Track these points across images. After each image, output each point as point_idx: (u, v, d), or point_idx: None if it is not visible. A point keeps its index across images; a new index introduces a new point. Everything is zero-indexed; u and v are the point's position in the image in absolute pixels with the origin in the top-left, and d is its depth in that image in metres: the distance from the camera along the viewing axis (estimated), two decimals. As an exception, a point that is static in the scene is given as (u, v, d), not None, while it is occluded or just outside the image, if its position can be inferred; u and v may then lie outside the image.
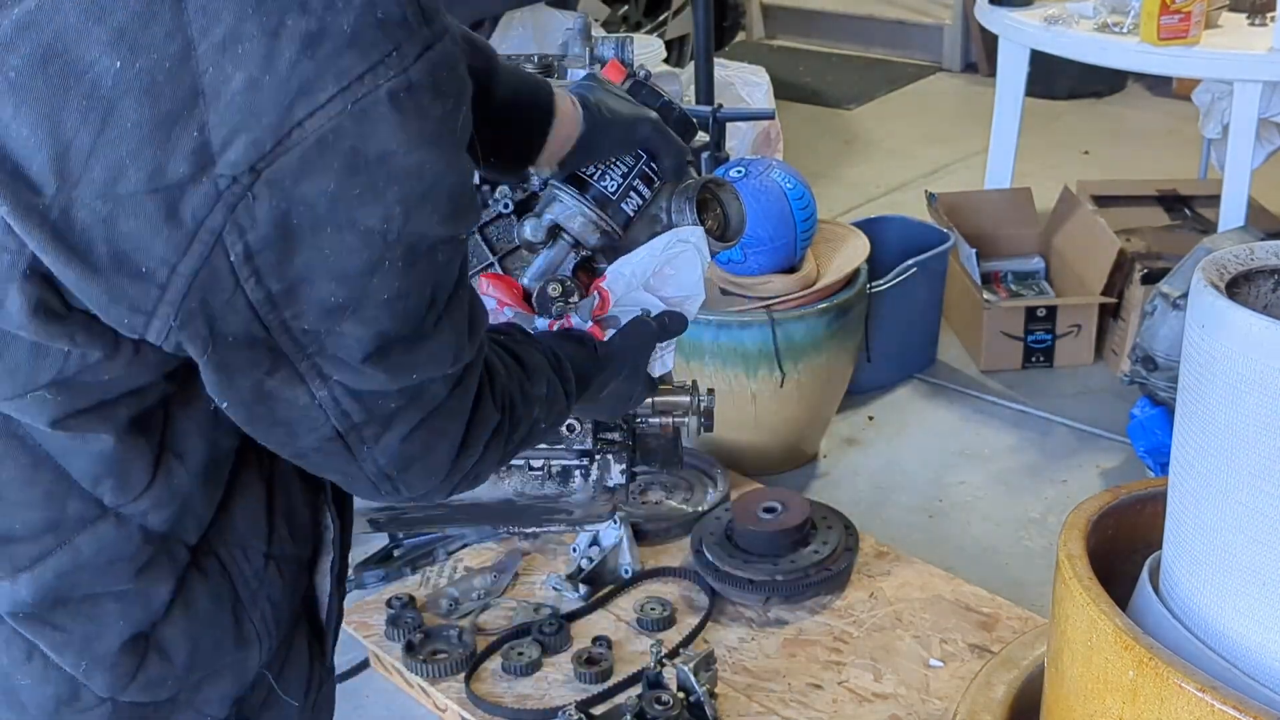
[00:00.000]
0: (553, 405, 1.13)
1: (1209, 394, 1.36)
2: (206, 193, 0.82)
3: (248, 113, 0.81)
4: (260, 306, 0.86)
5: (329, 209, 0.84)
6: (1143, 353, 2.95)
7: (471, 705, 2.29)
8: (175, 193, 0.82)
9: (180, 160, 0.81)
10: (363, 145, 0.83)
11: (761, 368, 2.92)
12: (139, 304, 0.85)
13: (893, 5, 6.72)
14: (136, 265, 0.83)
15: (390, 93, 0.83)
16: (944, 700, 2.26)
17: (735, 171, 2.95)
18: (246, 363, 0.89)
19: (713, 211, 1.31)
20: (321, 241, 0.85)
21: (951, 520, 2.98)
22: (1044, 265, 3.85)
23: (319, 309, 0.87)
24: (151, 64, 0.80)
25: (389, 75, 0.83)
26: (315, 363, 0.90)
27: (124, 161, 0.81)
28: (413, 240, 0.88)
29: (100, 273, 0.84)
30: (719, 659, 2.33)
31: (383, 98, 0.83)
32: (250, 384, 0.91)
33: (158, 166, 0.81)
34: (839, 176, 5.02)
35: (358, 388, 0.92)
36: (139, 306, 0.85)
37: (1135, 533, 1.67)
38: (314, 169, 0.83)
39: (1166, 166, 4.61)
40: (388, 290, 0.88)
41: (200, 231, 0.83)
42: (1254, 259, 1.46)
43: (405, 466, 0.98)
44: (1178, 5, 3.26)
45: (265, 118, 0.81)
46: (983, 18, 3.92)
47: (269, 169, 0.82)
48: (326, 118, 0.82)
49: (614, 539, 2.61)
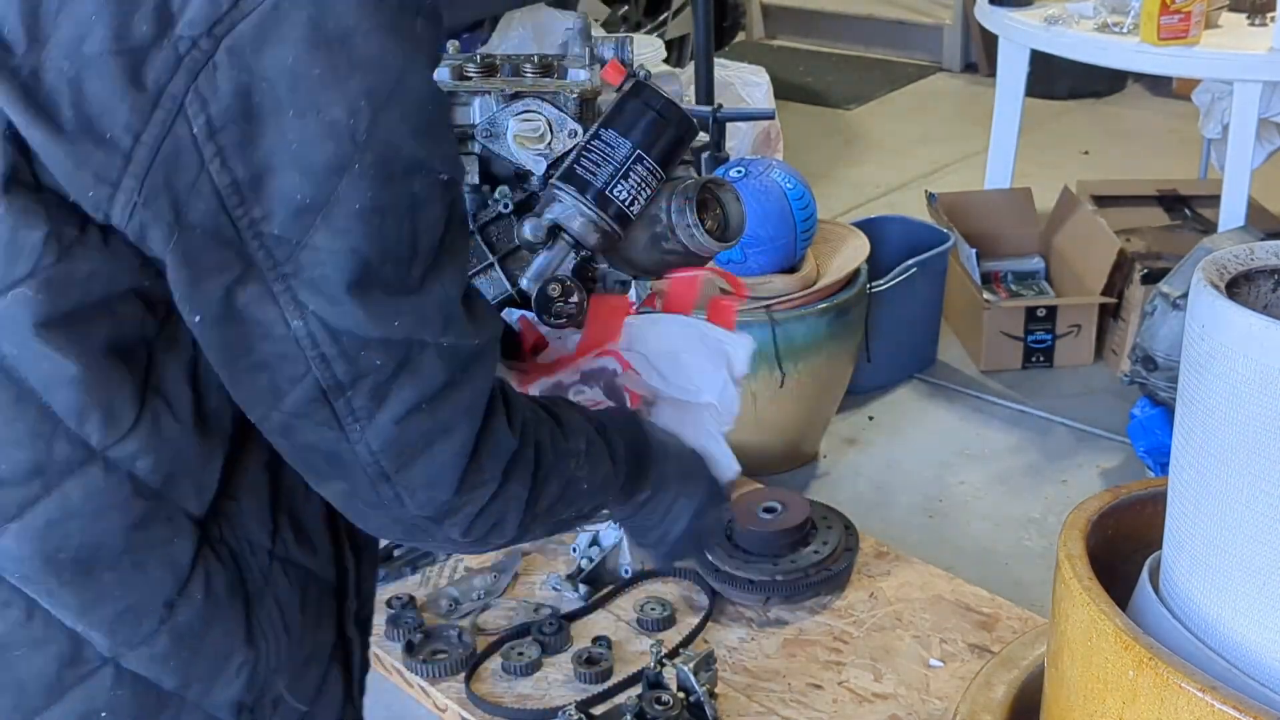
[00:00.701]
0: (595, 465, 1.09)
1: (1209, 394, 1.36)
2: (168, 56, 0.83)
3: None
4: (226, 195, 0.86)
5: (290, 87, 0.85)
6: (1143, 353, 2.95)
7: (471, 705, 2.29)
8: (139, 54, 0.83)
9: (142, 19, 0.83)
10: (321, 17, 0.85)
11: (761, 368, 2.92)
12: (103, 173, 0.86)
13: (893, 5, 6.72)
14: (101, 130, 0.84)
15: None
16: (944, 700, 2.25)
17: (735, 171, 2.95)
18: (214, 264, 0.88)
19: (713, 211, 1.30)
20: (285, 125, 0.85)
21: (951, 520, 2.98)
22: (1044, 265, 3.85)
23: (287, 207, 0.87)
24: None
25: None
26: (290, 284, 0.89)
27: (90, 19, 0.83)
28: (384, 150, 0.88)
29: (66, 135, 0.84)
30: (719, 659, 2.33)
31: None
32: (220, 292, 0.89)
33: (122, 25, 0.83)
34: (839, 176, 5.02)
35: (336, 324, 0.90)
36: (103, 176, 0.86)
37: (1135, 533, 1.67)
38: (272, 37, 0.84)
39: (1166, 166, 4.61)
40: (359, 199, 0.88)
41: (163, 97, 0.84)
42: (1254, 259, 1.46)
43: (403, 462, 0.94)
44: (1178, 5, 3.26)
45: None
46: (983, 18, 3.92)
47: (228, 36, 0.83)
48: None
49: (614, 539, 2.61)
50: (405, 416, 0.93)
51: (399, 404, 0.93)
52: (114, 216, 0.87)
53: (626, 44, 1.42)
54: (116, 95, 0.84)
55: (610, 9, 5.08)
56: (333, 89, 0.86)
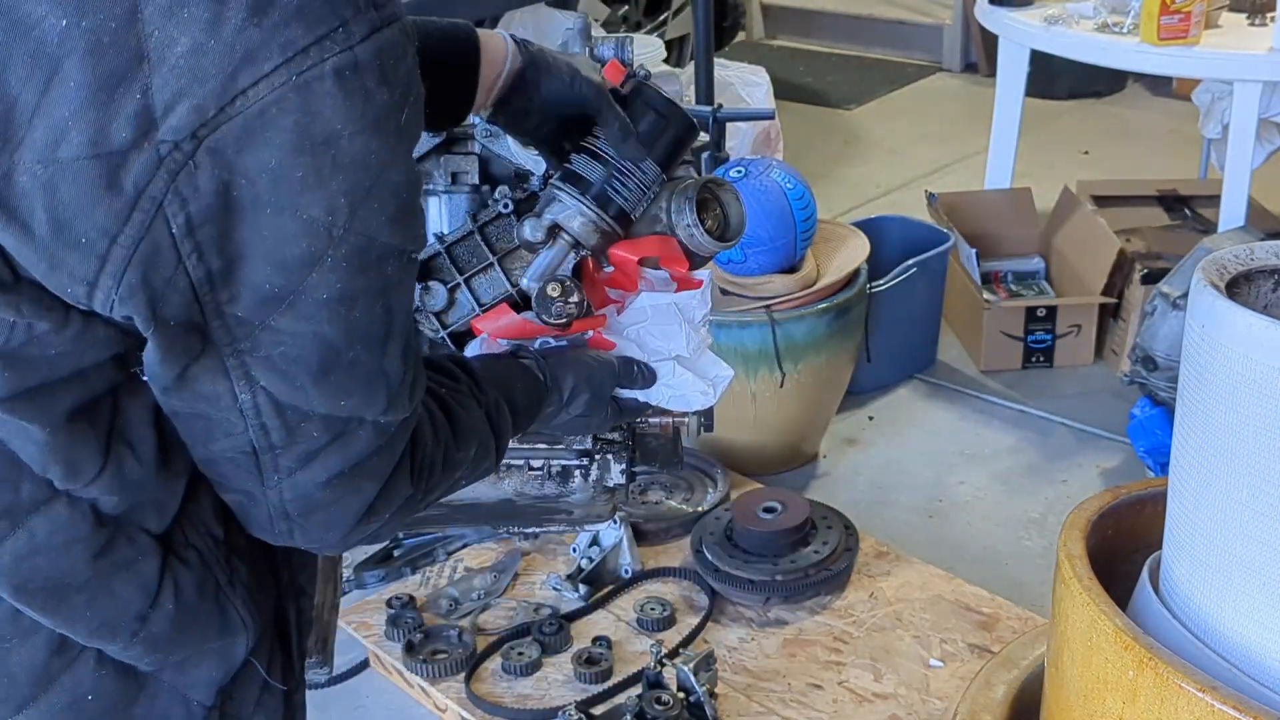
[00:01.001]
0: (478, 464, 1.13)
1: (1209, 394, 1.36)
2: (148, 159, 0.82)
3: (191, 77, 0.81)
4: (199, 285, 0.86)
5: (271, 187, 0.84)
6: (1143, 353, 2.95)
7: (471, 705, 2.29)
8: (117, 159, 0.82)
9: (123, 124, 0.81)
10: (307, 122, 0.84)
11: (761, 368, 2.92)
12: (79, 274, 0.85)
13: (893, 5, 6.72)
14: (76, 235, 0.83)
15: (335, 69, 0.83)
16: (944, 700, 2.26)
17: (735, 171, 2.95)
18: (182, 348, 0.89)
19: (712, 211, 1.30)
20: (261, 221, 0.85)
21: (951, 520, 2.98)
22: (1044, 265, 3.85)
23: (254, 295, 0.87)
24: (98, 24, 0.80)
25: (335, 50, 0.83)
26: (244, 360, 0.90)
27: (66, 123, 0.81)
28: (360, 243, 0.88)
29: (39, 240, 0.83)
30: (719, 659, 2.33)
31: (328, 72, 0.83)
32: (178, 369, 0.90)
33: (100, 130, 0.81)
34: (839, 176, 5.02)
35: (284, 400, 0.91)
36: (80, 276, 0.85)
37: (1135, 533, 1.67)
38: (257, 140, 0.83)
39: (1166, 166, 4.61)
40: (327, 289, 0.88)
41: (141, 200, 0.83)
42: (1254, 259, 1.46)
43: (308, 512, 0.97)
44: (1178, 5, 3.26)
45: (209, 83, 0.81)
46: (983, 18, 3.92)
47: (211, 136, 0.82)
48: (270, 88, 0.82)
49: (614, 539, 2.61)
50: (327, 481, 0.96)
51: (322, 470, 0.95)
52: (96, 308, 0.87)
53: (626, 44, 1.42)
54: (92, 200, 0.82)
55: (610, 9, 5.08)
56: (315, 190, 0.85)
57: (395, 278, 0.92)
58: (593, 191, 1.23)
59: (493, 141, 1.38)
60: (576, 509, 1.50)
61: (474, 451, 1.11)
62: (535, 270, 1.26)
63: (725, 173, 2.94)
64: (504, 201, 1.37)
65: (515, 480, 1.46)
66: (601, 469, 1.46)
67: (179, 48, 0.81)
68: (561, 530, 2.36)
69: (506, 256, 1.33)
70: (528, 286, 1.26)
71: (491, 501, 1.47)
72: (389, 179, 0.89)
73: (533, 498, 1.48)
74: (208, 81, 0.81)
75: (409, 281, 0.95)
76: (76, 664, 1.00)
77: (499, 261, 1.33)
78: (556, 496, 1.48)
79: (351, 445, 0.95)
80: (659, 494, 2.89)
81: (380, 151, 0.87)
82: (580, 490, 1.48)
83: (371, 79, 0.85)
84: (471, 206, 1.41)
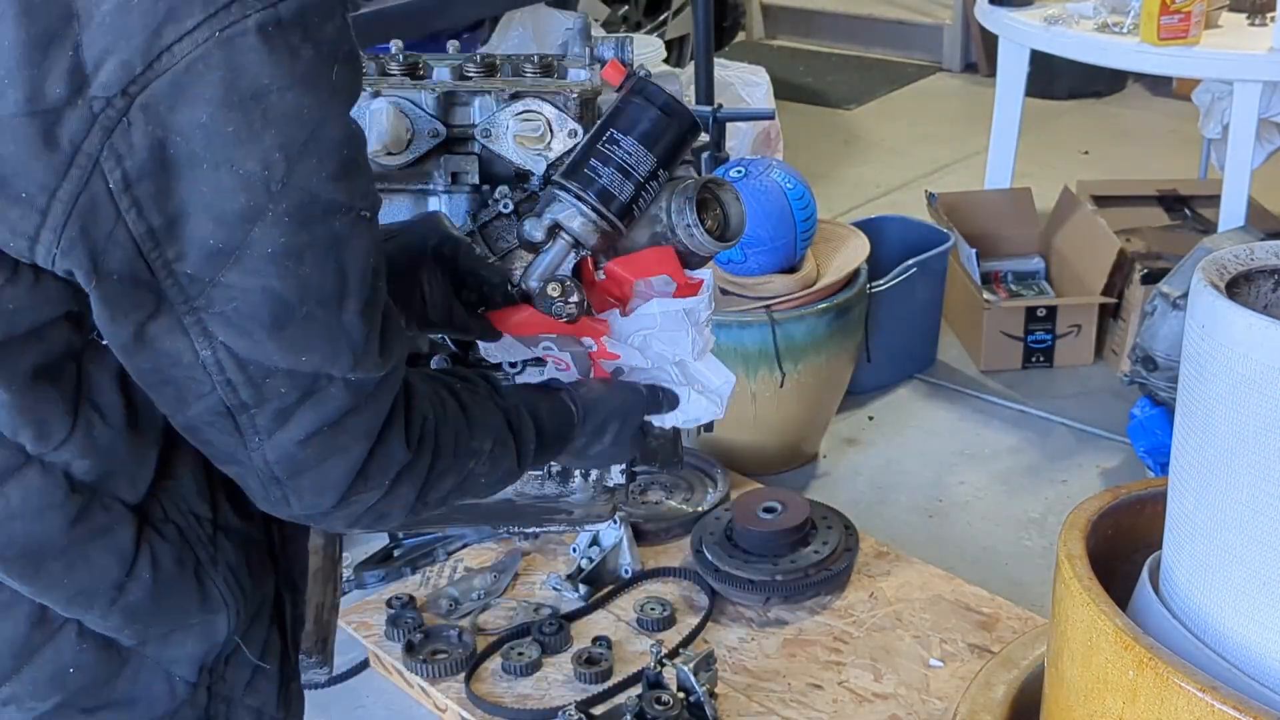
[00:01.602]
0: (497, 463, 1.13)
1: (1209, 394, 1.36)
2: (82, 115, 0.84)
3: (118, 34, 0.84)
4: (143, 241, 0.88)
5: (205, 143, 0.86)
6: (1143, 353, 2.95)
7: (471, 705, 2.29)
8: (52, 116, 0.84)
9: (56, 80, 0.84)
10: (233, 78, 0.86)
11: (761, 368, 2.93)
12: (21, 229, 0.87)
13: (893, 5, 6.72)
14: (16, 190, 0.86)
15: (258, 24, 0.86)
16: (944, 700, 2.26)
17: (735, 171, 2.95)
18: (131, 303, 0.90)
19: (713, 211, 1.30)
20: (199, 177, 0.87)
21: (951, 520, 2.99)
22: (1044, 265, 3.85)
23: (200, 251, 0.89)
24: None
25: (257, 7, 0.86)
26: (200, 317, 0.91)
27: (3, 81, 0.84)
28: (301, 197, 0.90)
29: None
30: (719, 659, 2.33)
31: (250, 28, 0.86)
32: (133, 327, 0.92)
33: (35, 88, 0.84)
34: (839, 176, 5.02)
35: (244, 355, 0.93)
36: (21, 231, 0.87)
37: (1135, 533, 1.67)
38: (187, 96, 0.85)
39: (1166, 166, 4.61)
40: (272, 244, 0.89)
41: (78, 155, 0.85)
42: (1254, 259, 1.46)
43: (295, 473, 0.98)
44: (1178, 5, 3.26)
45: (134, 39, 0.84)
46: (983, 18, 3.92)
47: (142, 94, 0.85)
48: (194, 44, 0.84)
49: (614, 539, 2.61)
50: (305, 439, 0.97)
51: (299, 428, 0.96)
52: (39, 262, 0.89)
53: (626, 44, 1.42)
54: (30, 155, 0.85)
55: (610, 9, 5.08)
56: (247, 144, 0.87)
57: (345, 234, 0.93)
58: (593, 191, 1.23)
59: (492, 141, 1.38)
60: (576, 509, 1.50)
61: (490, 446, 1.12)
62: (535, 270, 1.26)
63: (725, 173, 2.94)
64: (504, 201, 1.37)
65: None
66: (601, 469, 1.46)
67: (106, 5, 0.83)
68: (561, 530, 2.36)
69: (506, 256, 1.33)
70: (528, 286, 1.26)
71: (491, 501, 1.47)
72: (326, 134, 0.90)
73: (533, 498, 1.48)
74: (133, 38, 0.84)
75: (362, 241, 0.95)
76: (58, 636, 1.01)
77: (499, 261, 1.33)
78: (556, 496, 1.48)
79: (326, 403, 0.96)
80: (659, 494, 2.89)
81: (313, 107, 0.89)
82: (580, 490, 1.48)
83: (295, 35, 0.87)
84: (471, 206, 1.41)
